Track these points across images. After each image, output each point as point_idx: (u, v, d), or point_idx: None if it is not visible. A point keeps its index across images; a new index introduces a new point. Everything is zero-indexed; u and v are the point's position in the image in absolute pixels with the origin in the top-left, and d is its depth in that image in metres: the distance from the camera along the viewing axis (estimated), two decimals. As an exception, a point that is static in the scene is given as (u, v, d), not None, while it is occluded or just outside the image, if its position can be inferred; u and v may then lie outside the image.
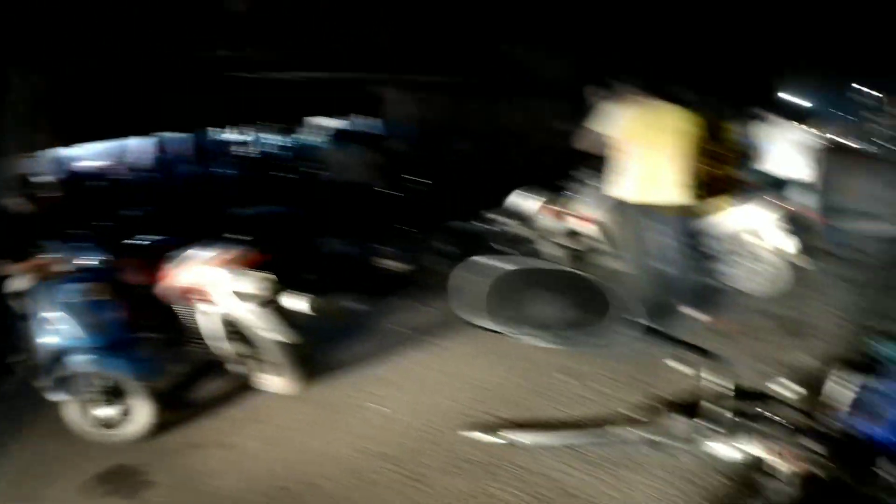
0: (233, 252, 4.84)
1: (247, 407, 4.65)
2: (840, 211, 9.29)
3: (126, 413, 4.30)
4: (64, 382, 4.36)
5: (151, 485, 3.89)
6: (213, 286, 4.71)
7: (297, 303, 4.73)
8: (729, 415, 1.25)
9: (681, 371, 1.28)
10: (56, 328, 4.38)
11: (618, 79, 5.71)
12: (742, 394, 1.27)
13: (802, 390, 1.28)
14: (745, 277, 6.57)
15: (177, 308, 4.96)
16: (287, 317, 4.68)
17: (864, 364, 1.26)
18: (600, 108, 5.61)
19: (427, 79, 12.23)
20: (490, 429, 1.36)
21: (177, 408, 4.58)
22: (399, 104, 12.89)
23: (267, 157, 12.27)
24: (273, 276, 4.72)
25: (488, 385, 4.80)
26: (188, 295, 4.84)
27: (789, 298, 6.44)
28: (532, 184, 7.82)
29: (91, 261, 4.70)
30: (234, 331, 4.75)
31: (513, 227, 7.59)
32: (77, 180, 10.16)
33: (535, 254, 7.07)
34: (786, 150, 8.07)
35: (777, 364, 4.66)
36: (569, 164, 7.88)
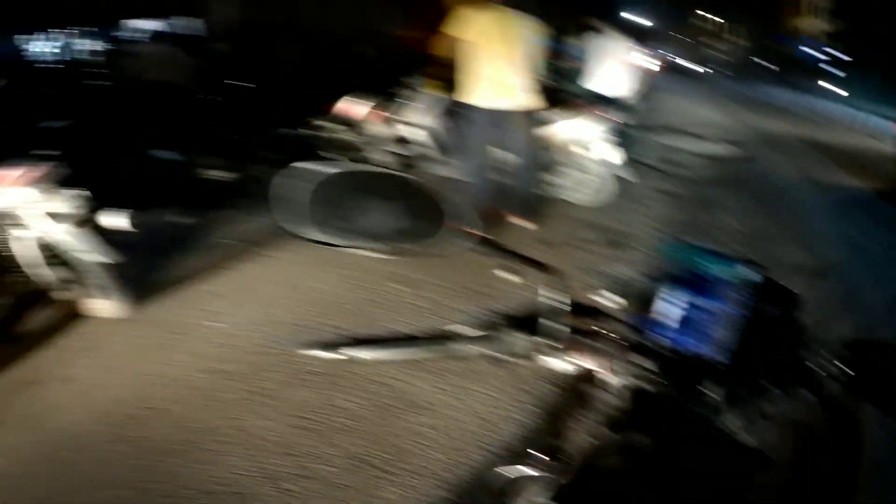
0: (41, 169, 4.44)
1: (80, 336, 4.50)
2: (665, 129, 9.90)
3: None
4: None
5: None
6: (24, 208, 4.36)
7: (115, 220, 4.48)
8: (565, 331, 1.27)
9: (512, 282, 1.33)
10: None
11: None
12: (577, 309, 1.30)
13: (630, 305, 1.31)
14: (571, 188, 6.87)
15: None
16: (107, 235, 4.48)
17: (689, 280, 1.27)
18: (456, 13, 5.60)
19: None
20: (331, 345, 1.33)
21: (4, 342, 4.38)
22: (221, 4, 12.16)
23: (77, 63, 11.22)
24: (87, 193, 4.44)
25: (323, 295, 4.90)
26: None
27: (614, 210, 6.81)
28: (361, 89, 7.78)
29: None
30: (53, 255, 4.49)
31: (341, 133, 7.55)
32: None
33: (364, 160, 7.09)
34: (616, 66, 8.31)
35: (604, 277, 5.02)
36: (399, 69, 7.89)
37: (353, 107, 7.69)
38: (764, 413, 1.20)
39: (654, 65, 8.40)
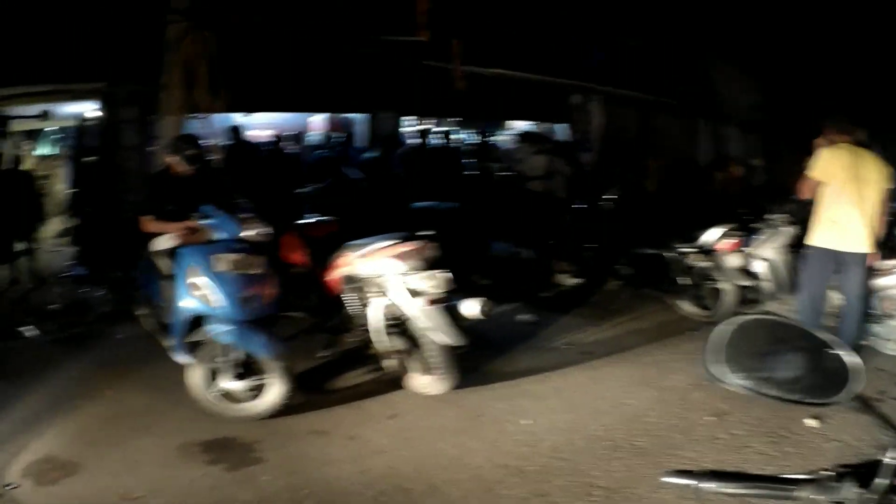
0: (410, 245, 4.67)
1: (385, 402, 4.57)
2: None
3: (255, 390, 4.30)
4: (194, 347, 4.42)
5: (259, 461, 3.87)
6: (387, 278, 4.59)
7: (468, 305, 4.52)
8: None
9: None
10: (201, 294, 4.37)
11: (827, 119, 5.48)
12: None
13: None
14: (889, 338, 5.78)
15: (344, 295, 4.88)
16: (454, 318, 4.49)
17: None
18: (818, 154, 5.36)
19: (618, 92, 11.81)
20: (682, 473, 1.32)
21: (311, 392, 4.57)
22: (589, 114, 12.52)
23: (450, 150, 12.16)
24: (448, 275, 4.54)
25: (633, 412, 4.46)
26: (358, 283, 4.77)
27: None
28: (715, 215, 7.37)
29: (249, 232, 4.58)
30: (396, 325, 4.65)
31: (692, 258, 7.17)
32: (244, 148, 10.27)
33: (713, 291, 6.54)
34: None
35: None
36: (754, 199, 7.38)
37: (708, 233, 7.33)
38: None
39: None
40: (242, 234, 4.51)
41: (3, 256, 8.51)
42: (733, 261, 6.54)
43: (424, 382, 4.64)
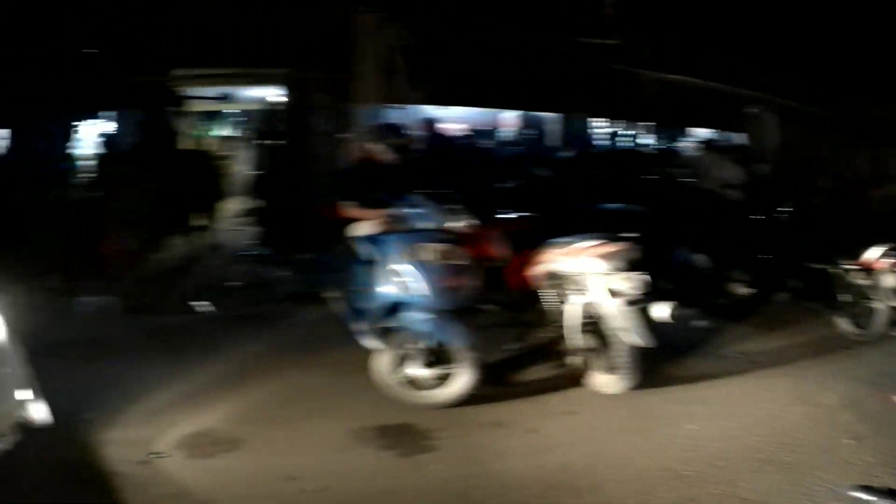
0: (614, 246, 4.72)
1: (565, 398, 4.65)
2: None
3: (441, 378, 4.43)
4: (385, 333, 4.58)
5: (433, 450, 3.98)
6: (588, 276, 4.65)
7: (661, 310, 4.63)
8: None
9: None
10: (401, 281, 4.52)
11: None
12: None
13: None
14: None
15: (542, 290, 4.95)
16: (646, 320, 4.57)
17: None
18: None
19: (789, 103, 11.48)
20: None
21: (495, 384, 4.66)
22: (764, 126, 12.10)
23: (636, 154, 12.01)
24: (646, 277, 4.58)
25: (788, 429, 4.35)
26: (558, 280, 4.83)
27: None
28: (879, 233, 6.97)
29: (454, 223, 4.72)
30: (590, 323, 4.71)
31: (852, 275, 6.84)
32: (441, 141, 10.43)
33: (868, 310, 6.28)
34: None
35: None
36: None
37: (874, 253, 6.97)
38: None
39: None
40: (447, 224, 4.62)
41: (178, 229, 9.14)
42: (890, 280, 6.32)
43: (606, 381, 4.69)
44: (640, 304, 4.53)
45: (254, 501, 3.43)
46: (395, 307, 4.63)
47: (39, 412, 3.25)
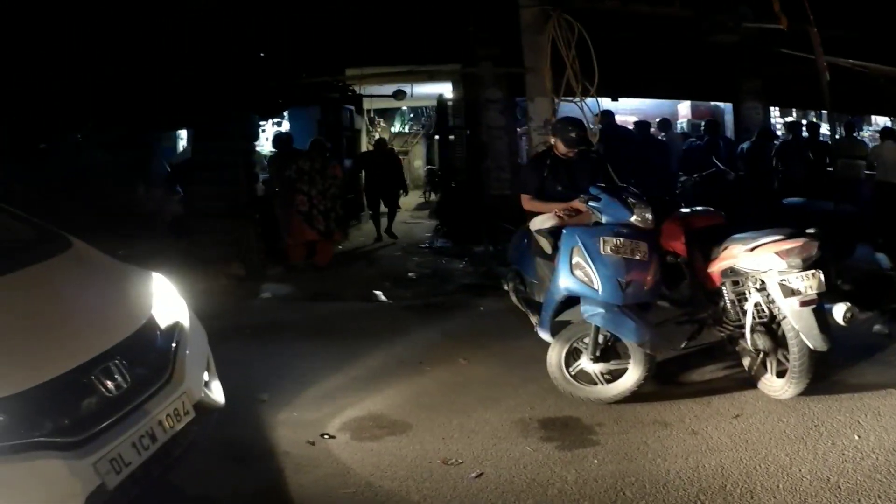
0: (796, 242, 4.39)
1: (732, 400, 4.57)
2: None
3: (611, 373, 4.47)
4: (560, 326, 4.65)
5: (594, 444, 4.04)
6: (768, 274, 4.40)
7: (836, 310, 4.34)
8: None
9: None
10: (582, 274, 4.50)
11: None
12: None
13: None
14: None
15: (723, 288, 4.78)
16: (823, 322, 4.29)
17: None
18: None
19: None
20: None
21: (663, 382, 4.68)
22: None
23: (822, 145, 11.20)
24: (824, 276, 4.31)
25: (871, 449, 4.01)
26: (738, 277, 4.64)
27: None
28: None
29: (638, 217, 4.58)
30: (762, 323, 4.54)
31: None
32: (618, 133, 10.23)
33: None
34: None
35: None
36: None
37: None
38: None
39: None
40: (631, 219, 4.55)
41: (359, 221, 9.54)
42: None
43: (776, 385, 4.54)
44: (815, 304, 4.26)
45: (412, 483, 3.62)
46: (571, 300, 4.65)
47: (217, 392, 3.44)
